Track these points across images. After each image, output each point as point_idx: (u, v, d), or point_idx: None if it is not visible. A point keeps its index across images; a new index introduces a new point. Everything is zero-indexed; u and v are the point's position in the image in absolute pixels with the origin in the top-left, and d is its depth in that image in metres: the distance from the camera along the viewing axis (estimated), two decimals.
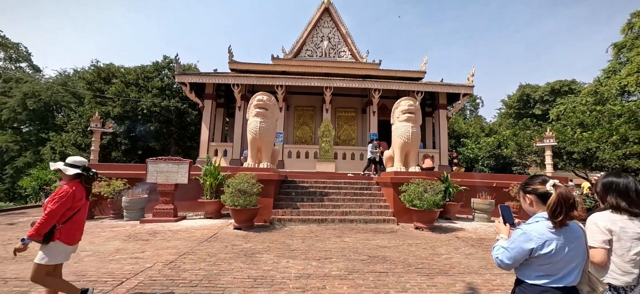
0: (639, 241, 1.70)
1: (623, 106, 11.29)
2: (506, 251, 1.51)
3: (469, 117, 32.07)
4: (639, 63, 17.94)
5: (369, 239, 5.90)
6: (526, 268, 1.52)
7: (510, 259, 1.49)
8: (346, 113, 15.58)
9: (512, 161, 12.46)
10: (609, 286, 1.79)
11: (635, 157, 8.94)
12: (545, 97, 24.63)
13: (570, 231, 1.45)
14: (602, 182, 1.89)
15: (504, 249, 1.53)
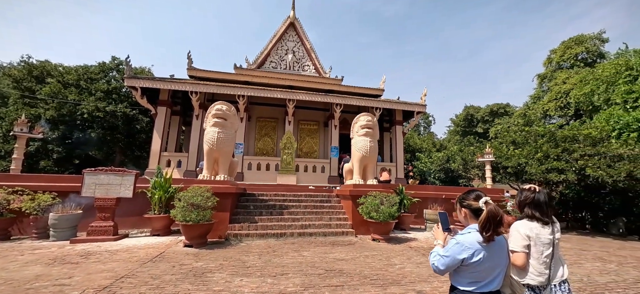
0: (550, 246, 1.98)
1: (545, 127, 13.19)
2: (441, 259, 1.64)
3: (422, 133, 34.58)
4: (557, 92, 21.21)
5: (327, 253, 5.91)
6: (458, 275, 1.67)
7: (444, 265, 1.63)
8: (309, 126, 15.72)
9: (459, 174, 13.71)
10: (527, 287, 2.04)
11: (555, 172, 10.39)
12: (486, 118, 27.73)
13: (495, 241, 1.63)
14: (519, 194, 2.18)
15: (440, 256, 1.66)
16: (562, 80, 21.62)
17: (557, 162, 10.47)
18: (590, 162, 9.88)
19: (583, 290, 4.51)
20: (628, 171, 9.34)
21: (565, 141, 11.03)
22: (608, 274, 5.42)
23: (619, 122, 12.42)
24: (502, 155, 11.85)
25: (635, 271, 5.76)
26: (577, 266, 5.94)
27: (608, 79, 15.60)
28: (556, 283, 1.97)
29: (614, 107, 13.96)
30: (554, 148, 10.89)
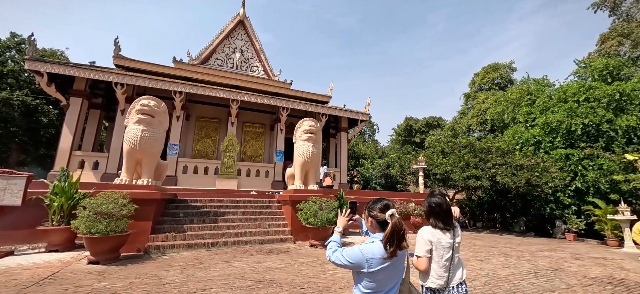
0: (449, 250, 2.09)
1: (467, 139, 15.04)
2: (342, 259, 1.61)
3: (367, 141, 36.52)
4: (478, 109, 24.50)
5: (261, 262, 5.62)
6: (357, 277, 1.64)
7: (342, 266, 1.59)
8: (254, 128, 15.17)
9: (397, 180, 14.74)
10: (428, 290, 2.12)
11: (474, 178, 11.83)
12: (423, 129, 30.61)
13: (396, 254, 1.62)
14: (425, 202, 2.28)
15: (341, 257, 1.61)
16: (482, 100, 25.10)
17: (475, 170, 11.96)
18: (500, 171, 11.52)
19: (488, 283, 5.09)
20: (526, 178, 11.13)
21: (481, 151, 12.68)
22: (508, 268, 6.26)
23: (521, 138, 14.83)
24: (432, 163, 13.07)
25: (529, 263, 6.78)
26: (485, 262, 6.73)
27: (514, 101, 18.59)
28: (454, 285, 2.07)
29: (518, 125, 16.65)
30: (473, 158, 12.43)
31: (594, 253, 8.46)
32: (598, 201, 10.95)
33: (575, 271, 6.23)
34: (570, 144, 13.05)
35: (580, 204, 11.75)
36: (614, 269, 6.46)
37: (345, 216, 2.03)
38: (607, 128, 12.26)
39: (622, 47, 19.57)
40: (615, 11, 21.52)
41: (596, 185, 11.43)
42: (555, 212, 12.37)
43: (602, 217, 10.31)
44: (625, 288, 5.14)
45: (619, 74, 14.98)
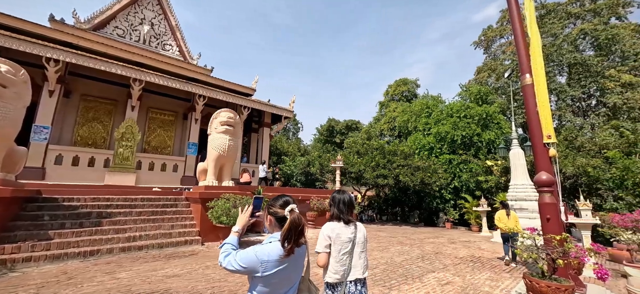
0: (348, 244, 2.15)
1: (379, 142, 16.84)
2: (234, 263, 1.44)
3: (291, 138, 36.87)
4: (389, 117, 27.77)
5: (157, 269, 4.89)
6: (252, 284, 1.50)
7: (234, 270, 1.44)
8: (163, 116, 13.24)
9: (317, 178, 15.34)
10: (326, 285, 2.16)
11: (382, 177, 13.27)
12: (343, 130, 32.82)
13: (295, 252, 1.54)
14: (331, 198, 2.33)
15: (234, 261, 1.44)
16: (393, 109, 28.58)
17: (383, 170, 13.47)
18: (402, 171, 13.28)
19: (387, 270, 5.72)
20: (421, 178, 13.16)
21: (389, 154, 14.36)
22: (403, 255, 7.21)
23: (420, 144, 17.49)
24: (349, 162, 14.08)
25: (418, 249, 7.97)
26: (386, 251, 7.59)
27: (417, 113, 21.81)
28: (351, 280, 2.09)
29: (418, 133, 19.61)
30: (382, 159, 13.97)
31: (463, 237, 10.64)
32: (467, 196, 13.84)
33: (449, 253, 7.65)
34: (452, 150, 16.10)
35: (456, 200, 14.64)
36: (475, 250, 8.23)
37: (245, 212, 1.80)
38: (477, 140, 15.63)
39: (490, 78, 25.38)
40: (488, 50, 27.78)
41: (467, 184, 14.43)
42: (440, 206, 15.07)
43: (470, 209, 13.07)
44: (481, 263, 6.59)
45: (486, 98, 19.31)
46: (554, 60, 21.46)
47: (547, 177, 4.27)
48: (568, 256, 3.43)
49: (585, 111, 21.56)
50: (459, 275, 5.63)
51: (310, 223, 10.37)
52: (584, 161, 10.68)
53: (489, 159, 14.27)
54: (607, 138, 12.67)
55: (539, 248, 3.51)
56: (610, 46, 20.53)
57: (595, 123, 19.41)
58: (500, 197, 11.26)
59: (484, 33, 27.88)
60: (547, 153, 4.46)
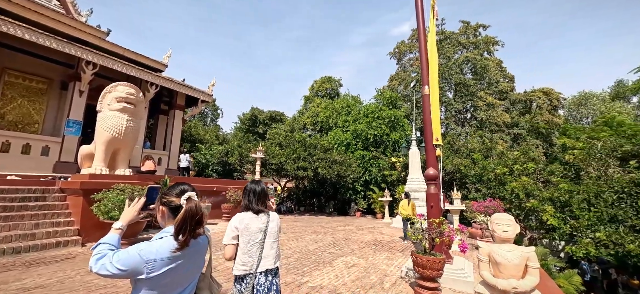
0: (258, 234, 2.08)
1: (301, 136, 17.22)
2: (110, 267, 1.18)
3: (209, 125, 33.99)
4: (313, 112, 28.72)
5: (9, 282, 3.76)
6: (135, 288, 1.28)
7: (110, 275, 1.18)
8: (29, 82, 10.11)
9: (235, 168, 14.59)
10: (236, 279, 2.07)
11: (302, 169, 13.63)
12: (266, 121, 32.19)
13: (191, 246, 1.37)
14: (244, 188, 2.23)
15: (110, 263, 1.19)
16: (317, 104, 29.65)
17: (304, 162, 13.84)
18: (321, 164, 13.94)
19: (301, 258, 5.92)
20: (338, 171, 14.11)
21: (310, 147, 14.85)
22: (317, 243, 7.60)
23: (338, 139, 18.72)
24: (270, 154, 13.91)
25: (331, 237, 8.54)
26: (301, 240, 7.85)
27: (338, 110, 23.25)
28: (262, 270, 2.04)
29: (338, 129, 20.94)
30: (303, 152, 14.33)
31: (369, 224, 11.98)
32: (375, 188, 15.63)
33: (357, 238, 8.49)
34: (366, 147, 17.83)
35: (366, 191, 16.33)
36: (377, 234, 9.37)
37: (134, 205, 1.51)
38: (385, 139, 17.74)
39: (400, 86, 29.14)
40: (400, 62, 31.75)
41: (376, 178, 16.27)
42: (352, 197, 16.55)
43: (376, 199, 14.79)
44: (381, 246, 7.54)
45: (396, 104, 22.08)
46: (446, 78, 26.20)
47: (434, 172, 5.17)
48: (443, 235, 4.26)
49: (463, 122, 27.17)
50: (363, 257, 6.31)
51: (225, 215, 9.82)
52: (459, 161, 13.48)
53: (394, 157, 16.42)
54: (474, 144, 16.34)
55: (424, 230, 4.24)
56: (483, 73, 26.45)
57: (468, 132, 24.68)
58: (400, 189, 13.12)
59: (398, 46, 31.74)
60: (435, 153, 5.40)
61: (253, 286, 2.01)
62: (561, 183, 9.61)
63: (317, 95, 32.88)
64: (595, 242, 7.91)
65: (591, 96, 31.46)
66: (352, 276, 4.94)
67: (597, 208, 8.38)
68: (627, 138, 10.75)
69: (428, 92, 5.62)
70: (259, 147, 12.71)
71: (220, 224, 9.11)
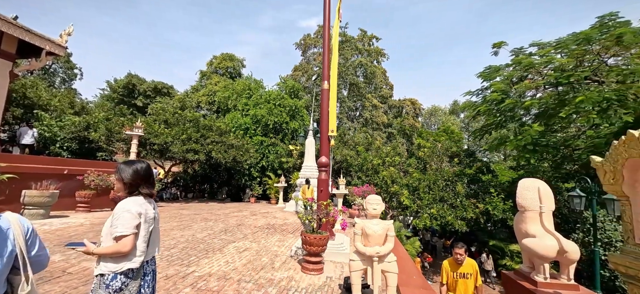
0: (153, 222, 1.83)
1: (194, 114, 15.47)
2: None
3: (59, 87, 25.73)
4: (210, 90, 26.14)
5: None
6: None
7: None
8: None
9: (100, 147, 11.63)
10: (123, 274, 1.68)
11: (192, 152, 12.32)
12: (149, 93, 27.03)
13: None
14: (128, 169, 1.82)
15: None
16: (215, 82, 27.08)
17: (195, 144, 12.52)
18: (216, 147, 12.98)
19: (187, 247, 5.43)
20: (234, 156, 13.50)
21: (204, 128, 13.56)
22: (207, 230, 7.13)
23: (237, 123, 17.86)
24: (152, 132, 11.86)
25: (222, 223, 8.18)
26: (188, 229, 7.19)
27: (238, 92, 22.04)
28: (149, 259, 1.85)
29: (237, 112, 19.91)
30: (196, 133, 12.94)
31: (263, 209, 12.13)
32: (271, 174, 15.88)
33: (250, 223, 8.47)
34: (265, 133, 17.75)
35: (262, 177, 16.38)
36: (271, 218, 9.62)
37: None
38: (285, 127, 18.18)
39: (303, 78, 30.23)
40: (304, 54, 32.81)
41: (273, 164, 16.51)
42: (248, 182, 16.25)
43: (272, 185, 15.08)
44: (274, 229, 7.81)
45: (297, 94, 22.83)
46: (342, 77, 29.03)
47: (326, 160, 5.73)
48: (329, 216, 4.83)
49: (353, 118, 30.96)
50: (256, 241, 6.38)
51: (82, 205, 7.84)
52: (346, 152, 15.39)
53: (291, 144, 17.07)
54: (359, 138, 18.98)
55: (313, 212, 4.68)
56: (371, 79, 30.76)
57: (356, 127, 28.36)
58: (295, 176, 13.83)
59: (304, 38, 32.70)
60: (330, 143, 5.99)
61: (144, 275, 1.80)
62: (414, 173, 12.51)
63: (216, 72, 30.10)
64: (430, 216, 10.79)
65: (438, 109, 41.84)
66: (243, 260, 4.94)
67: (433, 192, 11.42)
68: (454, 142, 15.03)
69: (327, 87, 6.12)
70: (138, 123, 10.61)
71: (72, 217, 7.21)
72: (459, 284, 3.46)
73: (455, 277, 3.49)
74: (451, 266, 3.54)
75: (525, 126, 9.25)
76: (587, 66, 8.39)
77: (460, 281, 3.46)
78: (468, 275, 3.48)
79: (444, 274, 3.59)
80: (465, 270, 3.48)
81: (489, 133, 10.31)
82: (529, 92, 9.62)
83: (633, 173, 2.01)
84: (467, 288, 3.46)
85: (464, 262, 3.47)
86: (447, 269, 3.58)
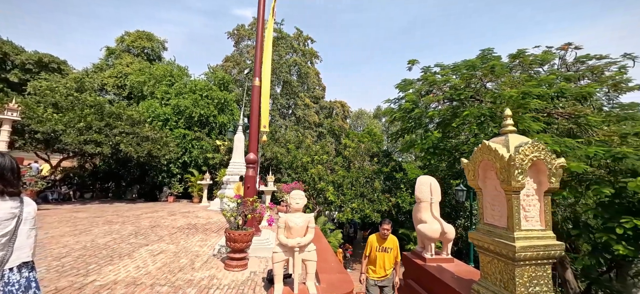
0: (10, 223, 1.59)
1: (97, 99, 13.00)
2: None
3: None
4: (119, 71, 22.30)
5: None
6: None
7: None
8: None
9: None
10: None
11: (93, 144, 10.40)
12: (29, 66, 21.33)
13: None
14: None
15: None
16: (126, 63, 23.21)
17: (98, 135, 10.61)
18: (126, 139, 11.26)
19: (84, 255, 4.64)
20: (149, 149, 11.97)
21: (111, 116, 11.59)
22: (111, 234, 6.20)
23: (155, 112, 15.81)
24: (35, 116, 9.52)
25: (132, 226, 7.23)
26: (85, 234, 6.13)
27: (157, 78, 19.47)
28: (13, 267, 1.60)
29: (155, 100, 17.60)
30: (99, 121, 10.96)
31: (184, 209, 11.15)
32: (195, 171, 14.69)
33: (168, 224, 7.72)
34: (189, 126, 16.24)
35: (183, 174, 14.98)
36: (193, 218, 8.96)
37: None
38: (212, 121, 16.99)
39: (234, 70, 28.64)
40: (237, 45, 31.08)
41: (197, 160, 15.26)
42: (166, 180, 14.61)
43: (195, 183, 13.97)
44: (196, 229, 7.31)
45: (227, 86, 21.55)
46: (276, 74, 28.78)
47: (254, 157, 5.70)
48: (255, 212, 4.85)
49: (285, 116, 31.05)
50: (174, 243, 5.90)
51: None
52: (277, 149, 15.40)
53: (219, 140, 16.10)
54: (291, 136, 19.21)
55: (238, 208, 4.64)
56: (305, 79, 31.36)
57: (287, 125, 28.56)
58: (222, 172, 13.14)
59: (238, 28, 31.01)
60: (258, 140, 5.97)
61: (6, 285, 1.54)
62: (340, 171, 13.43)
63: (128, 51, 25.95)
64: (352, 210, 11.80)
65: (364, 112, 45.62)
66: (158, 263, 4.54)
67: (355, 188, 12.51)
68: (376, 143, 16.72)
69: (258, 84, 6.08)
70: (11, 104, 8.38)
71: None
72: (378, 257, 4.00)
73: (377, 251, 4.02)
74: (377, 240, 4.07)
75: (428, 132, 11.03)
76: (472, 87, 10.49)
77: (381, 255, 4.00)
78: (389, 249, 4.05)
79: (368, 248, 4.09)
80: (387, 245, 4.04)
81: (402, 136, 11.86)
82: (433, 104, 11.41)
83: (484, 172, 2.73)
84: (385, 261, 4.02)
85: (387, 237, 4.03)
86: (372, 243, 4.09)
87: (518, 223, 2.29)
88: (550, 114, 8.74)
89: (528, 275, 2.27)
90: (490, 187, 2.65)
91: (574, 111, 8.43)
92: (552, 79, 8.79)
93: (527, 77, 9.62)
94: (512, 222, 2.29)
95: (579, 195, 8.50)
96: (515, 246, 2.20)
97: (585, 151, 7.02)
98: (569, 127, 8.47)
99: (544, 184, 2.39)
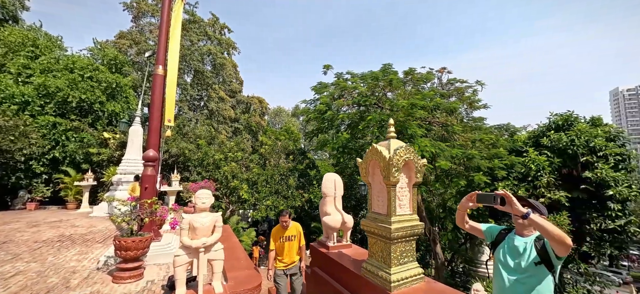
0: None
1: None
2: None
3: None
4: None
5: None
6: None
7: None
8: None
9: None
10: None
11: None
12: None
13: None
14: None
15: None
16: None
17: None
18: None
19: None
20: None
21: None
22: None
23: (6, 92, 11.91)
24: None
25: None
26: None
27: (12, 46, 14.68)
28: None
29: (7, 75, 13.25)
30: None
31: (53, 217, 8.87)
32: (70, 170, 11.85)
33: (27, 238, 6.04)
34: (62, 113, 12.91)
35: (53, 173, 11.87)
36: (67, 228, 7.25)
37: None
38: (98, 108, 13.98)
39: (131, 50, 24.10)
40: (137, 21, 26.19)
41: (75, 156, 12.31)
42: (23, 181, 11.23)
43: (70, 184, 11.28)
44: (71, 241, 5.97)
45: (122, 68, 18.05)
46: (186, 62, 25.85)
47: (153, 154, 5.08)
48: (155, 215, 4.36)
49: (196, 109, 28.26)
50: (38, 260, 4.71)
51: None
52: (185, 145, 13.95)
53: (107, 132, 13.42)
54: (202, 131, 17.67)
55: (132, 212, 4.08)
56: (220, 70, 29.19)
57: (198, 119, 26.12)
58: (111, 171, 11.05)
59: (137, 1, 26.21)
60: (159, 134, 5.33)
61: None
62: (255, 169, 13.23)
63: None
64: (267, 207, 11.82)
65: (282, 110, 45.89)
66: (13, 288, 3.56)
67: (270, 185, 12.58)
68: (293, 141, 17.14)
69: (161, 72, 5.44)
70: None
71: None
72: (285, 247, 4.18)
73: (282, 241, 4.18)
74: (278, 232, 4.21)
75: (339, 133, 12.07)
76: (376, 95, 12.01)
77: (286, 244, 4.19)
78: (292, 237, 4.26)
79: (272, 241, 4.21)
80: (290, 233, 4.24)
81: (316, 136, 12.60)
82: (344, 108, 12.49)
83: (373, 169, 3.27)
84: (291, 249, 4.23)
85: (288, 226, 4.22)
86: (274, 236, 4.22)
87: (394, 210, 2.87)
88: (430, 122, 10.85)
89: (400, 250, 2.88)
90: (377, 182, 3.20)
91: (445, 121, 10.75)
92: (432, 95, 10.95)
93: (415, 91, 11.68)
94: (390, 209, 2.85)
95: (446, 186, 10.86)
96: (391, 228, 2.76)
97: (450, 152, 9.07)
98: (442, 133, 10.74)
99: (412, 179, 3.06)
